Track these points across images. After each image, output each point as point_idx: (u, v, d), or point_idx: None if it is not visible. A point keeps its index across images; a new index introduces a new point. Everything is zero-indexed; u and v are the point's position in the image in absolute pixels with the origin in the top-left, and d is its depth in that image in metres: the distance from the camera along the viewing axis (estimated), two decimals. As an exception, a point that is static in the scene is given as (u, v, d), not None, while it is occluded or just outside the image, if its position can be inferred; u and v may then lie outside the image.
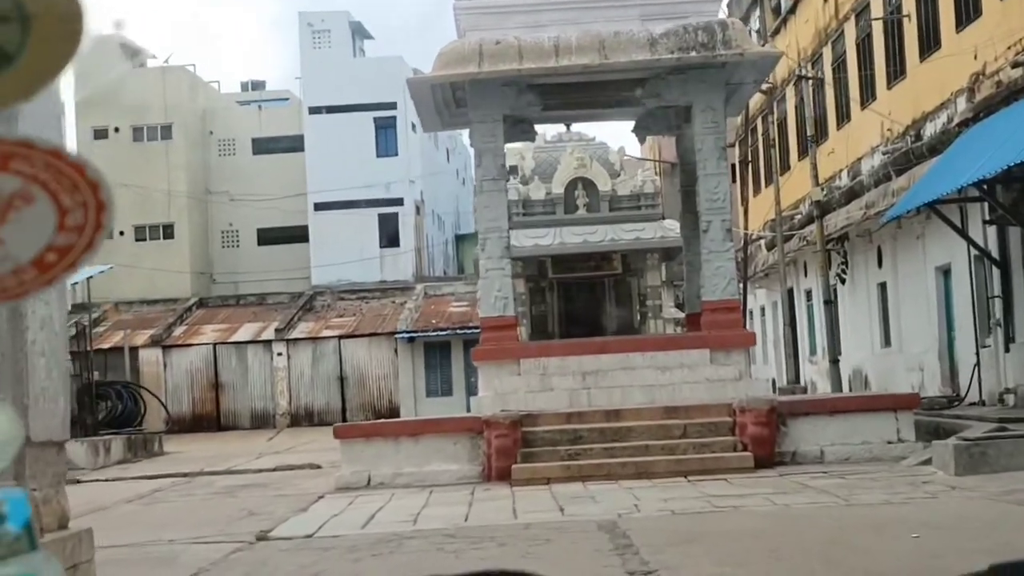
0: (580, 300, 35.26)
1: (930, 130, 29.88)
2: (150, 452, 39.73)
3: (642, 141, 28.52)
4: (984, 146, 24.12)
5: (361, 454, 21.89)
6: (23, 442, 1.88)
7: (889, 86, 32.96)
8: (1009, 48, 25.34)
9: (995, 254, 26.79)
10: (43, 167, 1.71)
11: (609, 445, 21.05)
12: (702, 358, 23.50)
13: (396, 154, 60.41)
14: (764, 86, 36.45)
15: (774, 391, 36.14)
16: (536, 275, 34.83)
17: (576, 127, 37.15)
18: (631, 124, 28.00)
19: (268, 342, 52.67)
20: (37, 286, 1.78)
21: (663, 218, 35.54)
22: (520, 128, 26.58)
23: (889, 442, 21.01)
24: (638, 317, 35.75)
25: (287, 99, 68.63)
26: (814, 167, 35.53)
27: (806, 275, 42.79)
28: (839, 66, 37.34)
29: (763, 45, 32.27)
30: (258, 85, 74.88)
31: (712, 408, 21.68)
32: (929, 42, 29.97)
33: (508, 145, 26.51)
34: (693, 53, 23.44)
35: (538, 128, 28.44)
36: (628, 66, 23.70)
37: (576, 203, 34.24)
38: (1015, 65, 24.24)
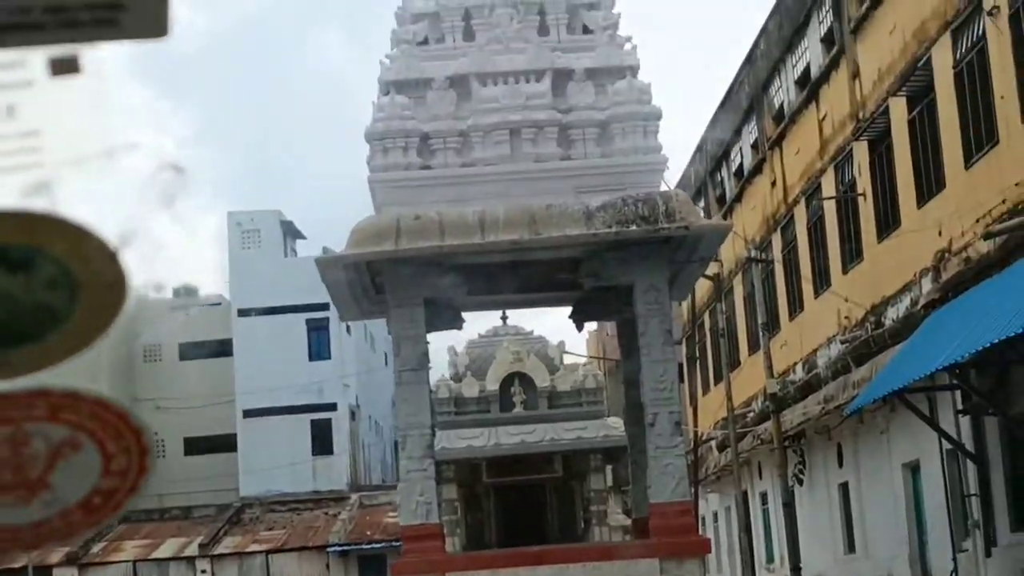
0: (519, 507, 32.50)
1: (892, 315, 27.65)
2: None
3: (580, 328, 26.13)
4: (955, 328, 21.83)
5: None
6: None
7: (845, 270, 30.83)
8: (978, 221, 23.22)
9: (970, 447, 24.32)
10: (89, 416, 1.91)
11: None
12: (651, 569, 20.75)
13: (329, 357, 57.95)
14: (710, 272, 34.32)
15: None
16: (470, 480, 32.12)
17: (513, 319, 34.87)
18: (568, 310, 25.66)
19: (191, 558, 49.49)
20: (84, 528, 1.95)
21: (607, 415, 33.02)
22: (445, 315, 24.13)
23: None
24: (582, 524, 32.98)
25: (219, 303, 66.26)
26: (768, 357, 33.20)
27: (761, 477, 40.19)
28: (790, 252, 35.29)
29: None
30: (191, 291, 72.28)
31: (663, 626, 18.91)
32: (888, 220, 27.91)
33: (441, 340, 24.10)
34: (633, 227, 21.15)
35: (472, 320, 26.08)
36: (562, 242, 21.36)
37: (512, 400, 31.73)
38: (987, 236, 22.07)
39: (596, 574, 20.89)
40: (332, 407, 57.80)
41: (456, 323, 24.86)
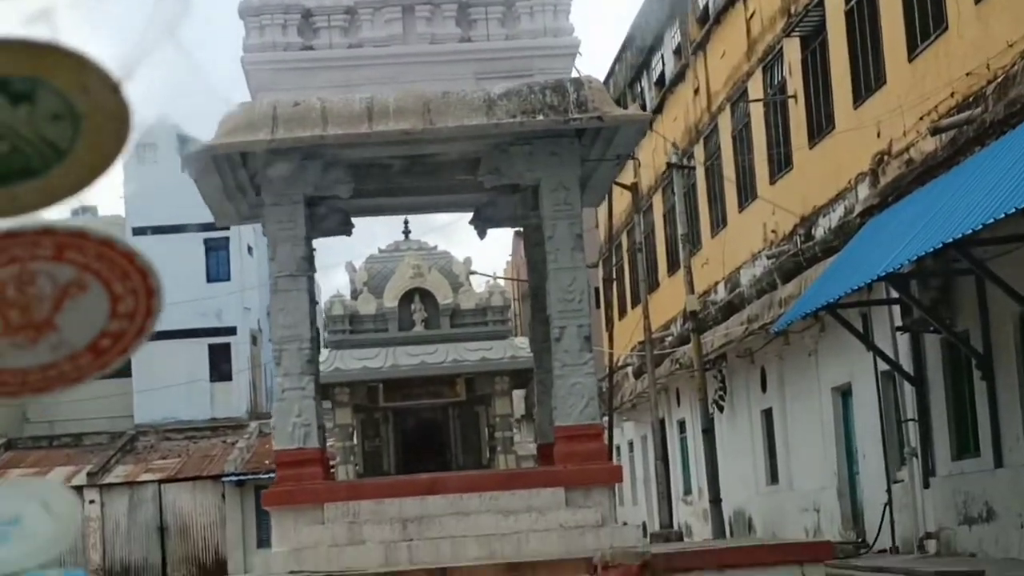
0: (419, 433, 30.12)
1: (824, 226, 25.44)
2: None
3: (482, 235, 23.57)
4: (894, 235, 19.62)
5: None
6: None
7: (772, 180, 28.58)
8: (922, 118, 20.97)
9: (908, 368, 22.21)
10: (95, 257, 1.83)
11: (431, 616, 15.89)
12: (555, 499, 18.46)
13: (229, 279, 55.17)
14: (628, 181, 31.97)
15: (645, 537, 31.10)
16: (367, 404, 29.63)
17: (417, 233, 32.29)
18: (469, 215, 23.25)
19: (79, 487, 46.71)
20: (93, 371, 1.90)
21: (515, 335, 30.61)
22: (332, 219, 21.67)
23: (797, 606, 16.01)
24: (487, 453, 30.64)
25: (120, 225, 63.19)
26: (688, 272, 30.91)
27: (679, 404, 38.09)
28: (713, 164, 33.00)
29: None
30: (88, 209, 68.95)
31: (567, 564, 16.59)
32: (820, 123, 25.65)
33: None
34: (540, 116, 18.69)
35: (370, 233, 23.47)
36: (459, 132, 18.86)
37: (412, 319, 29.19)
38: (934, 132, 19.79)
39: (495, 504, 18.58)
40: (232, 331, 55.15)
41: (345, 229, 22.35)
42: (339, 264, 60.64)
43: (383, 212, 24.49)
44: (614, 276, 44.17)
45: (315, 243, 20.80)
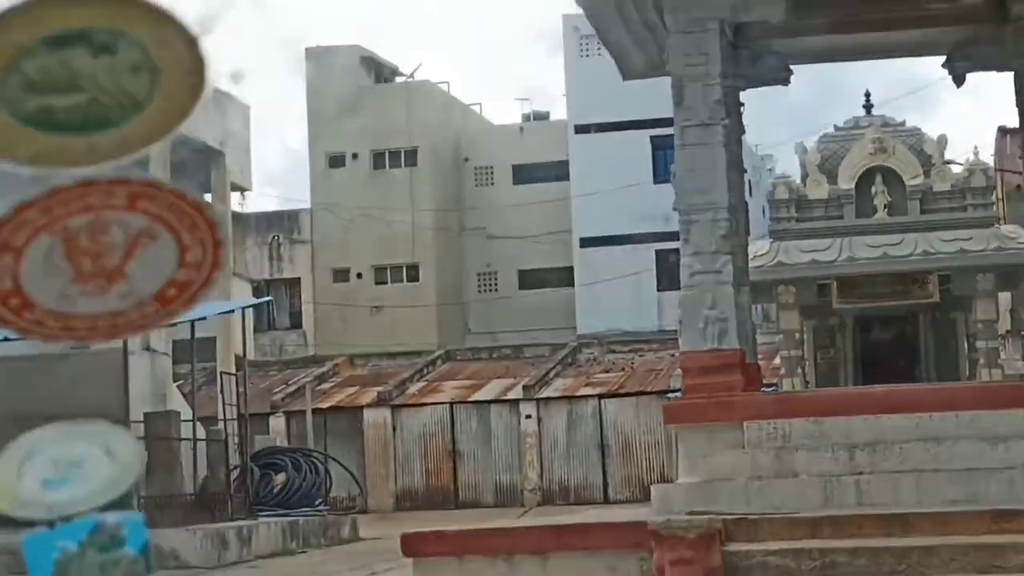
0: (883, 344, 25.26)
1: None
2: (335, 538, 31.25)
3: (959, 82, 18.45)
4: None
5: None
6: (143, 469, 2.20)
7: None
8: None
9: None
10: (166, 207, 1.89)
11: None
12: (1062, 424, 13.29)
13: (677, 179, 51.16)
14: None
15: None
16: (817, 306, 24.91)
17: (880, 108, 27.13)
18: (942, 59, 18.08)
19: (515, 402, 43.82)
20: (159, 319, 1.96)
21: (1001, 222, 25.14)
22: (764, 64, 16.93)
23: None
24: (966, 367, 25.38)
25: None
26: None
27: None
28: None
29: None
30: (540, 115, 65.87)
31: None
32: None
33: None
34: None
35: (806, 86, 18.60)
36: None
37: (872, 203, 24.23)
38: None
39: (977, 429, 13.58)
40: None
41: (781, 76, 17.55)
42: (787, 144, 55.54)
43: (830, 57, 19.44)
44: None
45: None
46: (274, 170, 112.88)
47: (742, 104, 16.41)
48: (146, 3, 1.75)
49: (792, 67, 17.52)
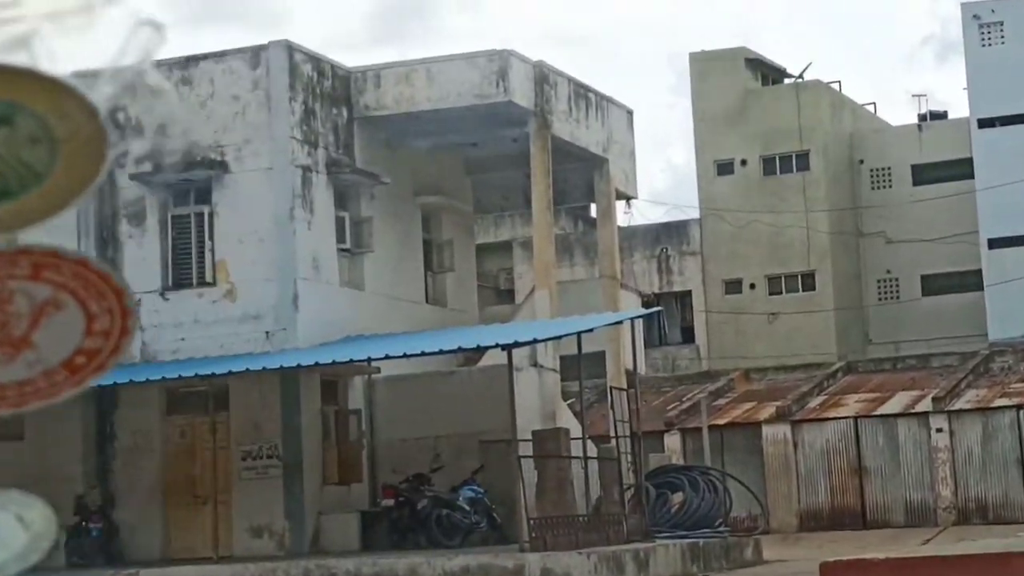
0: None
1: None
2: (737, 561, 29.69)
3: None
4: None
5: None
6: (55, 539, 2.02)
7: None
8: None
9: None
10: (71, 276, 1.86)
11: None
12: None
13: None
14: None
15: None
16: None
17: None
18: None
19: (924, 415, 41.28)
20: (68, 388, 1.93)
21: None
22: None
23: None
24: None
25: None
26: None
27: None
28: None
29: None
30: (936, 115, 62.54)
31: None
32: None
33: None
34: None
35: None
36: None
37: None
38: None
39: None
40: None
41: None
42: None
43: None
44: None
45: None
46: (659, 187, 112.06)
47: None
48: (43, 75, 1.74)
49: None
